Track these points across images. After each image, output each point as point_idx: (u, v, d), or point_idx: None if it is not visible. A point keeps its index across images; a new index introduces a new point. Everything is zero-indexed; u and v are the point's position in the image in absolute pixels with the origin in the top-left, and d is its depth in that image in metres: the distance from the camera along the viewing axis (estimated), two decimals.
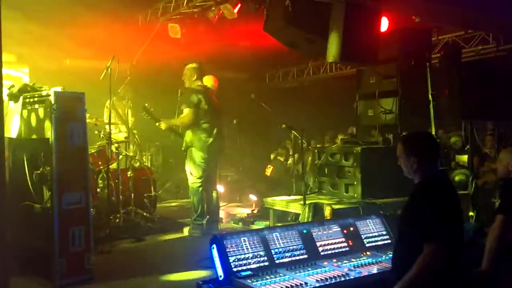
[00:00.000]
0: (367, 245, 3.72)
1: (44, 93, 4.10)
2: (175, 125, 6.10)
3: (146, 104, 5.90)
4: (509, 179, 3.96)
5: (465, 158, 6.67)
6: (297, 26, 5.56)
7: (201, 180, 5.82)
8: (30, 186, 4.17)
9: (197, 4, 8.07)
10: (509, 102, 5.84)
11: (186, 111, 5.79)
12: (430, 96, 5.94)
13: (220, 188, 9.08)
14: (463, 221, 3.06)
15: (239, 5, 7.51)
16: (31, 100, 4.23)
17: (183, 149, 5.96)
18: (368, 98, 6.34)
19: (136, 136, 8.01)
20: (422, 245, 2.61)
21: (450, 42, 8.96)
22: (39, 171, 4.11)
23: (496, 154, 7.28)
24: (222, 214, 7.66)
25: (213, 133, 5.83)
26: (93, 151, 6.06)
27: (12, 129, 4.37)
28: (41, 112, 4.11)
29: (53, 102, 3.94)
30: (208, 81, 6.80)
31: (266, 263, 3.24)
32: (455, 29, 8.70)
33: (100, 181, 6.02)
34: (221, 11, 7.78)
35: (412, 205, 2.83)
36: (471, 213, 5.66)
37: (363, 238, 3.76)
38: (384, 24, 5.85)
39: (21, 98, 4.31)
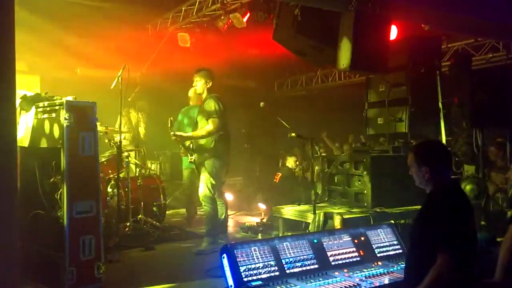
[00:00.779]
0: (378, 255, 3.70)
1: (56, 102, 4.13)
2: (197, 137, 5.64)
3: (171, 118, 5.62)
4: None
5: (472, 168, 6.61)
6: (306, 35, 5.58)
7: (217, 189, 5.63)
8: (41, 194, 4.20)
9: (207, 13, 8.13)
10: None
11: (213, 121, 5.42)
12: (440, 104, 5.92)
13: (229, 196, 9.11)
14: (476, 231, 3.03)
15: (248, 14, 7.55)
16: (43, 109, 4.27)
17: (192, 161, 5.65)
18: (377, 106, 6.32)
19: (144, 148, 8.05)
20: (435, 255, 2.59)
21: (460, 50, 8.93)
22: (50, 180, 4.13)
23: (504, 164, 7.24)
24: (230, 222, 7.66)
25: (229, 141, 5.73)
26: (103, 160, 6.10)
27: (24, 138, 4.41)
28: (52, 121, 4.14)
29: (65, 111, 3.96)
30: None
31: (277, 273, 3.23)
32: (465, 37, 8.67)
33: (110, 190, 6.04)
34: (230, 20, 7.83)
35: (425, 214, 2.81)
36: (482, 223, 5.61)
37: (374, 248, 3.74)
38: (394, 32, 5.85)
39: (33, 107, 4.35)
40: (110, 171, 6.16)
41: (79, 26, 8.16)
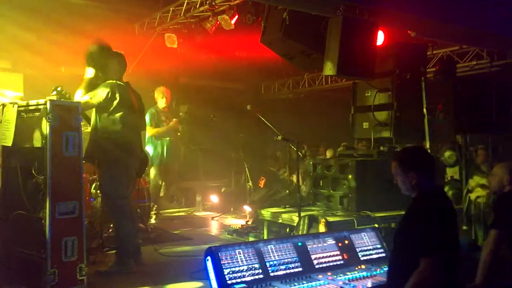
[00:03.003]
0: (361, 258, 3.73)
1: (41, 101, 4.07)
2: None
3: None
4: (503, 194, 3.99)
5: (456, 173, 6.70)
6: (294, 39, 5.61)
7: None
8: (24, 195, 4.13)
9: (195, 14, 8.10)
10: (503, 116, 5.90)
11: None
12: (424, 109, 5.98)
13: (214, 198, 9.10)
14: (459, 236, 3.07)
15: (236, 16, 7.55)
16: (26, 108, 4.21)
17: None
18: (363, 111, 6.37)
19: None
20: (418, 260, 2.61)
21: (445, 57, 9.05)
22: (32, 180, 4.07)
23: (489, 169, 7.35)
24: (215, 224, 7.64)
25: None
26: None
27: (7, 137, 4.34)
28: (36, 120, 4.09)
29: (48, 111, 3.92)
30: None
31: (261, 276, 3.23)
32: (450, 44, 8.79)
33: (94, 191, 5.97)
34: (218, 22, 7.82)
35: (409, 219, 2.84)
36: (464, 228, 5.68)
37: (357, 251, 3.76)
38: (380, 38, 5.90)
39: (16, 106, 4.28)
40: (94, 172, 6.09)
41: (65, 24, 8.07)
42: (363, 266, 3.62)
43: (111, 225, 5.92)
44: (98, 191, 5.70)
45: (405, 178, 2.85)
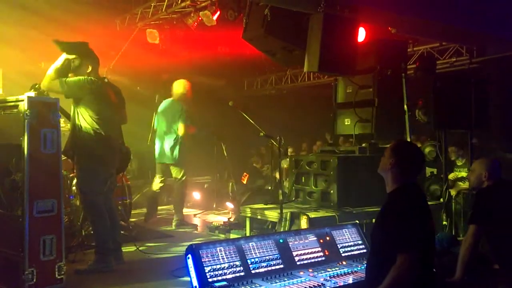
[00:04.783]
0: (343, 254, 3.75)
1: (20, 97, 3.99)
2: None
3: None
4: (481, 189, 4.05)
5: (434, 169, 6.80)
6: (275, 35, 5.59)
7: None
8: (1, 193, 4.06)
9: (176, 10, 8.05)
10: (481, 112, 5.99)
11: None
12: (405, 106, 6.03)
13: (197, 195, 9.06)
14: (435, 230, 3.10)
15: (218, 12, 7.52)
16: (3, 105, 4.13)
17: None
18: (344, 107, 6.39)
19: None
20: (395, 255, 2.63)
21: (425, 53, 9.15)
22: (10, 178, 4.00)
23: (463, 163, 7.48)
24: (197, 221, 7.61)
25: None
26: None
27: None
28: (13, 117, 4.01)
29: (26, 107, 3.85)
30: (180, 86, 6.92)
31: (242, 273, 3.23)
32: (430, 41, 8.89)
33: (74, 188, 5.89)
34: (200, 18, 7.78)
35: (384, 215, 2.86)
36: (444, 223, 5.75)
37: (339, 247, 3.79)
38: (361, 35, 5.92)
39: None
40: (73, 169, 6.00)
41: (45, 19, 7.93)
42: (344, 262, 3.65)
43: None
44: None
45: (387, 159, 2.88)
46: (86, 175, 4.71)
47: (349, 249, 3.83)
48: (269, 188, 7.43)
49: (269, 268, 3.36)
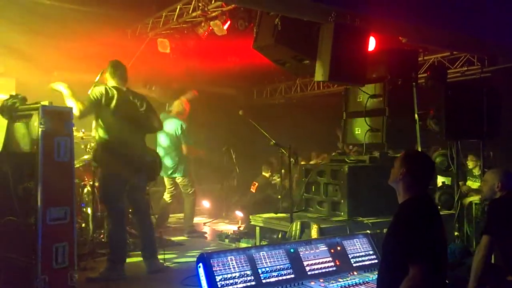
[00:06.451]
0: (354, 264, 3.72)
1: (32, 106, 4.05)
2: None
3: None
4: (494, 200, 4.02)
5: (448, 179, 6.74)
6: (285, 44, 5.62)
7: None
8: (14, 200, 4.10)
9: (187, 19, 8.11)
10: (493, 121, 5.94)
11: None
12: (416, 115, 6.01)
13: (206, 203, 9.07)
14: (447, 241, 3.08)
15: (228, 22, 7.57)
16: (18, 113, 4.18)
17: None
18: (355, 116, 6.38)
19: None
20: (406, 266, 2.61)
21: (436, 62, 9.12)
22: (23, 185, 4.04)
23: (481, 174, 7.40)
24: (207, 230, 7.62)
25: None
26: (79, 166, 5.99)
27: None
28: (27, 126, 4.06)
29: (40, 116, 3.89)
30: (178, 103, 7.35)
31: (253, 283, 3.22)
32: (441, 50, 8.86)
33: (85, 196, 5.94)
34: (210, 27, 7.83)
35: (396, 225, 2.84)
36: (456, 233, 5.70)
37: (350, 257, 3.76)
38: (372, 44, 5.93)
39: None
40: (85, 177, 6.06)
41: (58, 29, 8.03)
42: (355, 273, 3.62)
43: (102, 231, 5.89)
44: (90, 197, 5.69)
45: (398, 169, 2.87)
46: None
47: (360, 259, 3.80)
48: (279, 197, 7.41)
49: (280, 278, 3.34)
